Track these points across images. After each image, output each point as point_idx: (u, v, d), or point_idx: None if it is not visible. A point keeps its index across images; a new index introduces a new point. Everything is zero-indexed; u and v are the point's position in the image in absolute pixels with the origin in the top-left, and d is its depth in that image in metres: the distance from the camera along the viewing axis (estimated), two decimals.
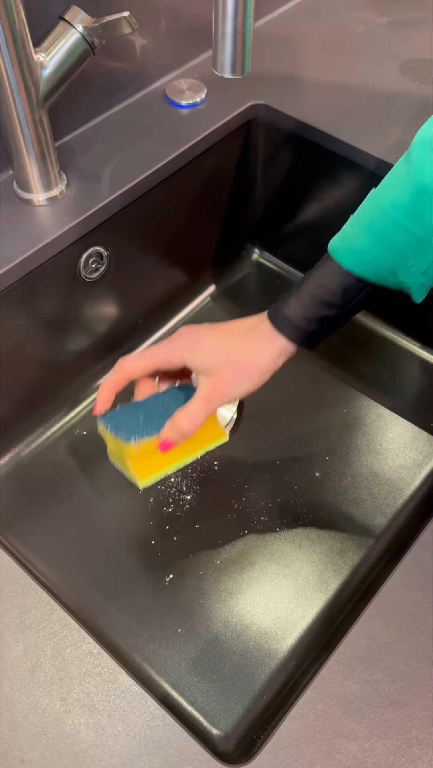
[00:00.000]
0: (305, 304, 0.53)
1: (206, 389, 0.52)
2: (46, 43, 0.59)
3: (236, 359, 0.53)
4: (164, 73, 0.80)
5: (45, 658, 0.46)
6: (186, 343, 0.53)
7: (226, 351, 0.53)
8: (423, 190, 0.47)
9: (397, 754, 0.42)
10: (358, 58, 0.84)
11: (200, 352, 0.53)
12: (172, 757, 0.42)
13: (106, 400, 0.55)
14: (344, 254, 0.52)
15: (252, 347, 0.53)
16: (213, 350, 0.53)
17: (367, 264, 0.51)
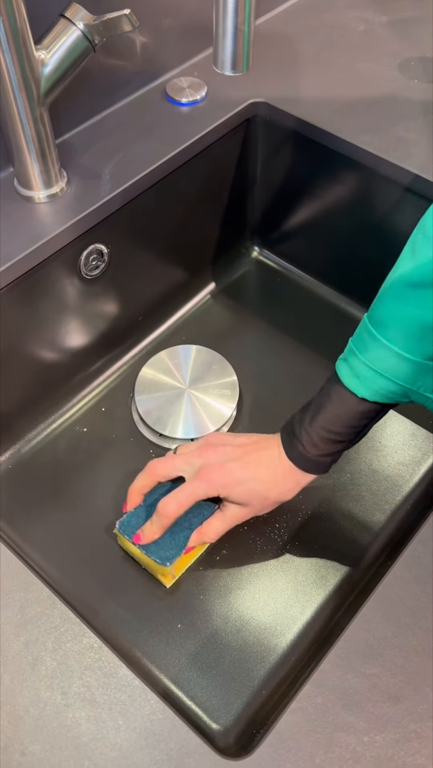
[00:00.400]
0: (318, 442, 0.57)
1: (234, 514, 0.59)
2: (47, 40, 0.59)
3: (265, 496, 0.59)
4: (165, 70, 0.81)
5: (46, 652, 0.46)
6: (222, 481, 0.57)
7: (258, 489, 0.58)
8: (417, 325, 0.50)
9: (396, 748, 0.43)
10: (358, 56, 0.84)
11: (236, 491, 0.58)
12: (173, 751, 0.42)
13: (136, 502, 0.61)
14: (354, 384, 0.54)
15: (280, 484, 0.59)
16: (247, 490, 0.58)
17: (377, 392, 0.54)
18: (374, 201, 0.77)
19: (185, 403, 0.77)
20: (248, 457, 0.58)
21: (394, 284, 0.52)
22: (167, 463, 0.59)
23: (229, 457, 0.58)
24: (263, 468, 0.58)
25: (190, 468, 0.58)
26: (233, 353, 0.81)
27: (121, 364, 0.83)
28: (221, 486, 0.57)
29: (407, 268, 0.52)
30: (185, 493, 0.57)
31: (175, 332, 0.87)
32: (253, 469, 0.58)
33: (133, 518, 0.61)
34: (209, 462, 0.58)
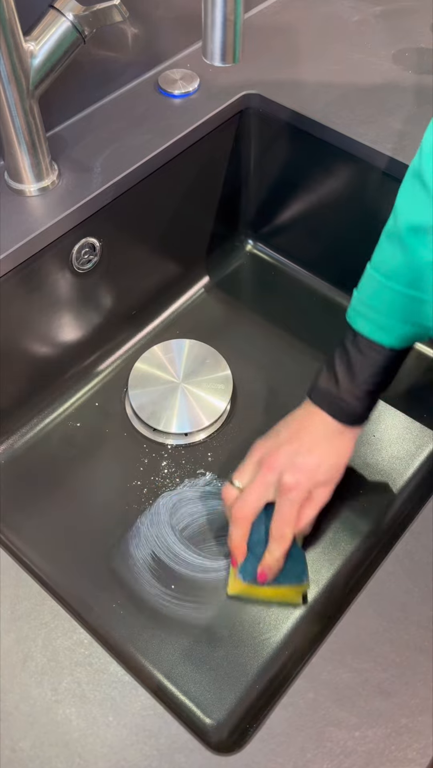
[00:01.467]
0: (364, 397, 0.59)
1: (320, 496, 0.60)
2: (36, 31, 0.58)
3: (338, 465, 0.60)
4: (156, 62, 0.80)
5: (36, 648, 0.46)
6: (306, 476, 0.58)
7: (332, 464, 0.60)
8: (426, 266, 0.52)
9: (387, 742, 0.42)
10: (351, 47, 0.83)
11: (319, 477, 0.59)
12: (164, 747, 0.42)
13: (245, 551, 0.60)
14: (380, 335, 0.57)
15: (342, 448, 0.61)
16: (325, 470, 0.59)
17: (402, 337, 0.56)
18: (369, 193, 0.77)
19: (179, 398, 0.76)
20: (304, 444, 0.59)
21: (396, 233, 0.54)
22: (249, 501, 0.59)
23: (293, 453, 0.59)
24: (324, 444, 0.59)
25: (271, 488, 0.58)
26: (226, 347, 0.81)
27: (115, 358, 0.83)
28: (307, 481, 0.58)
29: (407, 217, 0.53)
30: (288, 509, 0.58)
31: (169, 326, 0.86)
32: (318, 450, 0.59)
33: (246, 565, 0.59)
34: (284, 469, 0.58)
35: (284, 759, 0.42)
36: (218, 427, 0.76)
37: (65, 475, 0.73)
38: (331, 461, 0.59)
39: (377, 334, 0.57)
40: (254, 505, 0.59)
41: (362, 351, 0.58)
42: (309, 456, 0.59)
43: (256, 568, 0.58)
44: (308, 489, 0.58)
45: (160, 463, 0.74)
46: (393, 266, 0.54)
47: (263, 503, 0.59)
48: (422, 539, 0.51)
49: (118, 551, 0.67)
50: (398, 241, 0.54)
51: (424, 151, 0.52)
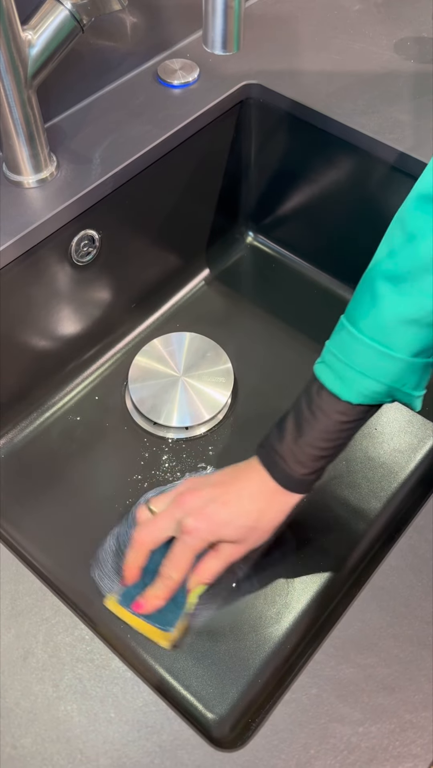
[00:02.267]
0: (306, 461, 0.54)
1: (229, 553, 0.55)
2: (34, 20, 0.58)
3: (255, 527, 0.55)
4: (156, 52, 0.79)
5: (37, 644, 0.45)
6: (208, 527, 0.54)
7: (247, 524, 0.54)
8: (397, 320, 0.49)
9: (391, 738, 0.42)
10: (353, 36, 0.83)
11: (225, 532, 0.54)
12: (166, 743, 0.42)
13: (136, 577, 0.56)
14: (338, 387, 0.52)
15: (268, 511, 0.55)
16: (236, 527, 0.54)
17: (361, 393, 0.51)
18: (370, 184, 0.76)
19: (180, 391, 0.76)
20: (228, 495, 0.55)
21: (371, 280, 0.51)
22: (151, 530, 0.56)
23: (209, 499, 0.55)
24: (245, 501, 0.55)
25: (174, 524, 0.55)
26: (227, 340, 0.80)
27: (115, 352, 0.82)
28: (209, 533, 0.54)
29: (384, 264, 0.50)
30: (180, 553, 0.54)
31: (169, 319, 0.86)
32: (236, 505, 0.55)
33: (132, 589, 0.57)
34: (192, 510, 0.54)
35: (288, 755, 0.42)
36: (219, 421, 0.76)
37: (65, 469, 0.73)
38: (247, 522, 0.54)
39: (336, 386, 0.52)
40: (154, 535, 0.55)
41: (314, 407, 0.53)
42: (222, 508, 0.54)
43: (136, 596, 0.56)
44: (206, 540, 0.54)
45: (161, 457, 0.73)
46: (364, 316, 0.51)
47: (165, 537, 0.55)
48: (426, 533, 0.51)
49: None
50: (370, 289, 0.51)
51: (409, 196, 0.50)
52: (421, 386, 0.52)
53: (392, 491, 0.70)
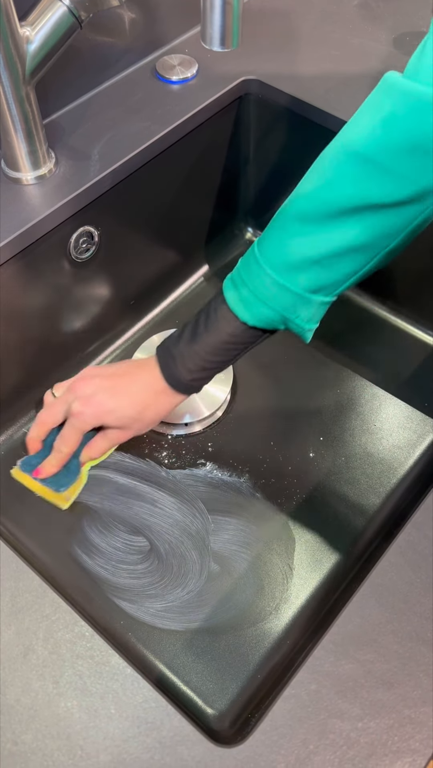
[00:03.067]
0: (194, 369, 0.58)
1: (115, 436, 0.62)
2: (32, 16, 0.57)
3: (139, 419, 0.61)
4: (154, 48, 0.79)
5: (37, 641, 0.46)
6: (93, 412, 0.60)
7: (131, 414, 0.60)
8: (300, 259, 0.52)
9: (390, 734, 0.42)
10: (352, 31, 0.82)
11: (109, 419, 0.60)
12: (166, 739, 0.42)
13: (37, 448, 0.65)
14: (239, 308, 0.56)
15: (154, 406, 0.61)
16: (120, 417, 0.60)
17: (257, 317, 0.55)
18: None
19: None
20: (117, 386, 0.60)
21: (284, 214, 0.54)
22: (51, 411, 0.63)
23: (99, 387, 0.60)
24: (134, 393, 0.60)
25: (67, 407, 0.61)
26: None
27: (114, 348, 0.82)
28: (93, 417, 0.60)
29: (298, 201, 0.53)
30: (68, 431, 0.61)
31: (168, 316, 0.86)
32: (123, 396, 0.60)
33: (33, 458, 0.65)
34: (81, 396, 0.60)
35: (287, 750, 0.42)
36: (218, 417, 0.76)
37: None
38: (130, 413, 0.60)
39: (237, 306, 0.55)
40: (52, 415, 0.62)
41: (213, 319, 0.57)
42: (108, 398, 0.60)
43: (36, 464, 0.64)
44: (90, 423, 0.60)
45: (161, 453, 0.73)
46: (271, 248, 0.54)
47: (61, 417, 0.62)
48: (424, 529, 0.51)
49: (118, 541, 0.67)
50: (281, 224, 0.54)
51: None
52: (314, 320, 0.56)
53: (391, 487, 0.70)
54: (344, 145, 0.50)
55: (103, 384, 0.60)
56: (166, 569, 0.66)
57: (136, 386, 0.60)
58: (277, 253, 0.53)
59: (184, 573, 0.65)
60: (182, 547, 0.67)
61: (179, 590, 0.64)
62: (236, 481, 0.71)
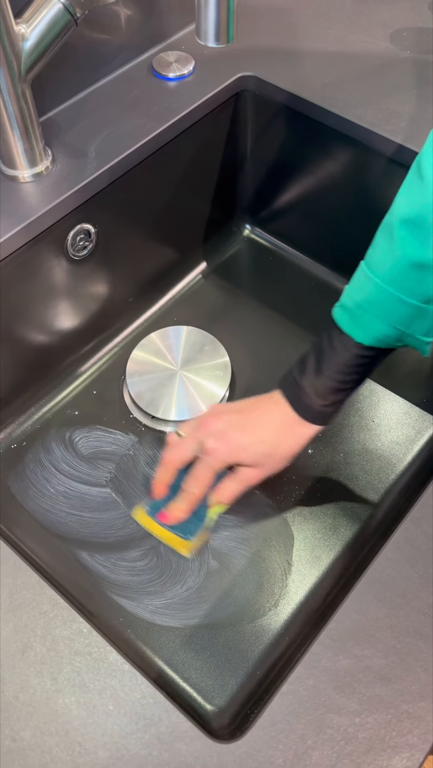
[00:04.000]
0: (325, 393, 0.57)
1: (247, 476, 0.59)
2: (27, 13, 0.57)
3: (272, 454, 0.58)
4: (151, 45, 0.79)
5: (35, 638, 0.46)
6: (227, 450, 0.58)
7: (264, 450, 0.58)
8: (411, 265, 0.50)
9: (388, 728, 0.42)
10: (349, 27, 0.82)
11: (243, 457, 0.58)
12: (164, 735, 0.42)
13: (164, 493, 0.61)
14: (353, 329, 0.55)
15: (286, 440, 0.59)
16: (253, 453, 0.58)
17: (374, 337, 0.54)
18: (367, 176, 0.76)
19: (177, 385, 0.76)
20: (248, 422, 0.59)
21: (389, 226, 0.52)
22: (179, 450, 0.60)
23: (229, 424, 0.59)
24: (265, 428, 0.59)
25: (197, 445, 0.59)
26: (224, 333, 0.80)
27: (112, 346, 0.82)
28: (227, 454, 0.58)
29: (402, 209, 0.51)
30: (201, 471, 0.59)
31: (166, 313, 0.86)
32: (255, 432, 0.58)
33: (157, 501, 0.62)
34: (214, 432, 0.59)
35: (285, 746, 0.42)
36: None
37: None
38: (263, 449, 0.58)
39: (350, 328, 0.54)
40: (180, 454, 0.60)
41: (333, 345, 0.56)
42: (240, 434, 0.58)
43: (160, 508, 0.61)
44: (224, 462, 0.58)
45: (159, 450, 0.73)
46: (380, 260, 0.53)
47: (190, 456, 0.60)
48: (423, 525, 0.51)
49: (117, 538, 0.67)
50: (389, 234, 0.52)
51: (427, 143, 0.51)
52: (431, 334, 0.53)
53: (390, 483, 0.70)
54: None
55: (232, 420, 0.59)
56: (165, 566, 0.66)
57: (266, 421, 0.59)
58: (386, 265, 0.52)
59: (183, 570, 0.66)
60: None
61: (178, 587, 0.65)
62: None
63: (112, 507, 0.69)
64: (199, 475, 0.59)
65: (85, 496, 0.70)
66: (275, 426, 0.58)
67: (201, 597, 0.64)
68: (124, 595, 0.64)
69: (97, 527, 0.68)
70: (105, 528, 0.68)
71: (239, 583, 0.65)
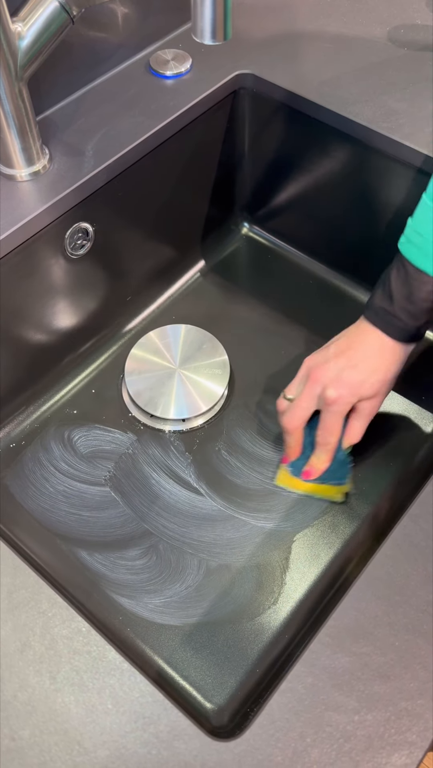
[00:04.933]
0: (419, 314, 0.60)
1: (369, 409, 0.64)
2: (24, 12, 0.57)
3: (385, 379, 0.63)
4: (148, 43, 0.79)
5: (34, 637, 0.46)
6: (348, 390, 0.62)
7: (378, 378, 0.62)
8: None
9: (386, 726, 0.42)
10: (346, 24, 0.82)
11: (363, 391, 0.62)
12: (163, 733, 0.42)
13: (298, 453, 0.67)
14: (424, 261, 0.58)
15: (391, 364, 0.63)
16: (370, 384, 0.62)
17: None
18: (365, 174, 0.76)
19: (176, 384, 0.76)
20: (355, 359, 0.62)
21: None
22: (298, 413, 0.64)
23: (340, 368, 0.62)
24: (371, 358, 0.62)
25: (316, 400, 0.63)
26: (223, 332, 0.80)
27: (110, 344, 0.82)
28: (350, 395, 0.61)
29: None
30: (331, 420, 0.63)
31: (165, 312, 0.85)
32: (364, 366, 0.62)
33: (297, 462, 0.67)
34: (329, 382, 0.62)
35: (284, 744, 0.42)
36: (216, 413, 0.76)
37: None
38: (378, 377, 0.62)
39: (421, 261, 0.58)
40: (301, 415, 0.64)
41: (409, 277, 0.59)
42: (354, 371, 0.61)
43: (303, 466, 0.66)
44: (350, 403, 0.62)
45: (158, 449, 0.73)
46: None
47: (310, 413, 0.64)
48: (421, 522, 0.51)
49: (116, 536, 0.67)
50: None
51: None
52: None
53: (388, 480, 0.70)
54: None
55: (340, 363, 0.62)
56: (164, 565, 0.66)
57: (368, 352, 0.62)
58: None
59: (182, 568, 0.65)
60: (180, 542, 0.67)
61: (178, 585, 0.65)
62: (234, 476, 0.71)
63: (112, 506, 0.69)
64: (331, 425, 0.63)
65: (84, 495, 0.70)
66: (378, 355, 0.62)
67: (200, 595, 0.64)
68: (124, 593, 0.64)
69: (96, 526, 0.68)
70: (104, 527, 0.68)
71: (238, 582, 0.65)
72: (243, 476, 0.71)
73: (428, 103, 0.72)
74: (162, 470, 0.72)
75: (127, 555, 0.66)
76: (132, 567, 0.65)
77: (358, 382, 0.61)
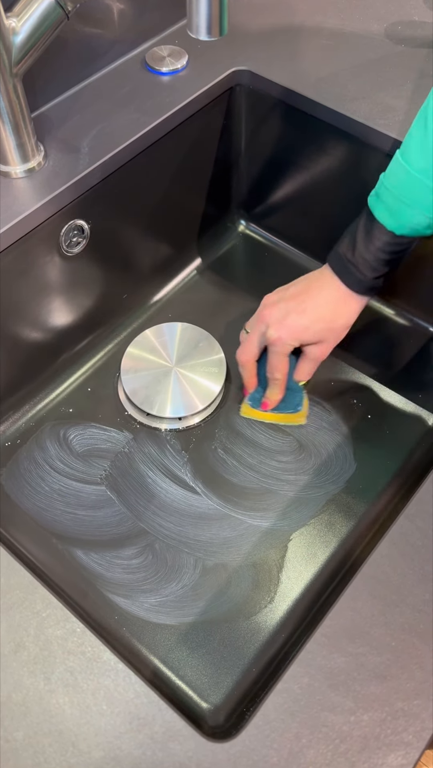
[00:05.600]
0: (376, 265, 0.62)
1: (316, 353, 0.67)
2: (18, 7, 0.57)
3: (332, 328, 0.65)
4: (144, 39, 0.78)
5: (28, 637, 0.45)
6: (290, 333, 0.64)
7: (325, 326, 0.64)
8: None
9: (382, 726, 0.42)
10: (344, 21, 0.82)
11: (306, 336, 0.64)
12: (157, 734, 0.42)
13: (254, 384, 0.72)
14: (386, 218, 0.59)
15: (342, 313, 0.64)
16: (315, 331, 0.64)
17: (404, 225, 0.59)
18: (362, 171, 0.75)
19: (172, 382, 0.76)
20: (304, 304, 0.64)
21: (425, 117, 0.55)
22: (247, 348, 0.68)
23: (286, 310, 0.64)
24: (321, 306, 0.64)
25: (263, 337, 0.65)
26: (219, 330, 0.80)
27: (106, 342, 0.82)
28: (292, 338, 0.64)
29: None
30: (274, 359, 0.66)
31: (161, 310, 0.85)
32: (313, 312, 0.64)
33: (254, 395, 0.72)
34: (273, 322, 0.64)
35: (280, 744, 0.42)
36: (212, 411, 0.76)
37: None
38: (323, 325, 0.64)
39: (384, 217, 0.59)
40: (250, 349, 0.68)
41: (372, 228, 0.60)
42: (300, 316, 0.63)
43: (261, 398, 0.71)
44: (291, 345, 0.64)
45: (154, 447, 0.73)
46: (414, 150, 0.56)
47: (258, 350, 0.68)
48: (418, 522, 0.50)
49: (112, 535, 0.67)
50: (423, 124, 0.55)
51: None
52: None
53: (385, 479, 0.70)
54: None
55: (288, 306, 0.64)
56: (160, 564, 0.65)
57: (321, 299, 0.64)
58: (421, 153, 0.55)
59: (178, 567, 0.65)
60: (177, 541, 0.67)
61: (174, 584, 0.64)
62: (230, 475, 0.71)
63: (107, 504, 0.69)
64: (275, 363, 0.66)
65: (80, 494, 0.70)
66: (330, 303, 0.64)
67: (196, 594, 0.64)
68: (119, 593, 0.64)
69: (92, 525, 0.68)
70: (100, 526, 0.68)
71: (235, 581, 0.64)
72: (239, 475, 0.71)
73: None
74: (158, 469, 0.72)
75: (123, 554, 0.66)
76: (128, 566, 0.65)
77: (301, 328, 0.63)
